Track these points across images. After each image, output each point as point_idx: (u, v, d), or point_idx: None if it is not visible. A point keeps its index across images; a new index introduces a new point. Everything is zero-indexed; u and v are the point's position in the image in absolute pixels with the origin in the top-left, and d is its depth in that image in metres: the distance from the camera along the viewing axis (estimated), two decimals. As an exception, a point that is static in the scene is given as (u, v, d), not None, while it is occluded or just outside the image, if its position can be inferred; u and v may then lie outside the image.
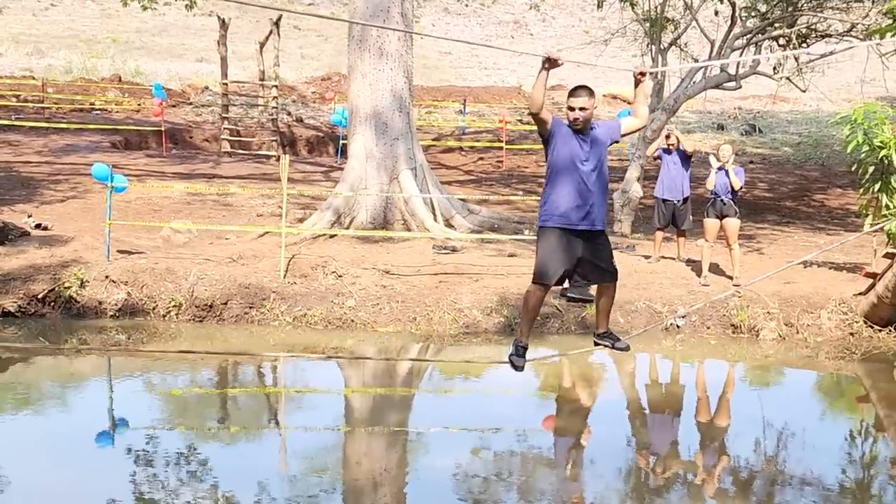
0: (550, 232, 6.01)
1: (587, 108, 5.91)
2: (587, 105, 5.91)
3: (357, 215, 13.86)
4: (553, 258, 5.98)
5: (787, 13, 16.11)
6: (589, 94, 5.95)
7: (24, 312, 10.80)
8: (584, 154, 5.93)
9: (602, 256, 6.13)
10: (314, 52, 38.85)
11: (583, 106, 5.90)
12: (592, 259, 6.08)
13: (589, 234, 6.02)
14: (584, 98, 5.91)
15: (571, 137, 5.95)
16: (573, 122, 5.94)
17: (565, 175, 5.95)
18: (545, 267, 6.01)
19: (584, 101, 5.90)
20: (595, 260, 6.09)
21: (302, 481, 6.89)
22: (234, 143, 22.12)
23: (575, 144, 5.94)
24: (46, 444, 7.45)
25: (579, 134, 5.95)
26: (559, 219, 5.97)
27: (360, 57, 14.07)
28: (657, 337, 11.02)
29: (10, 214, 13.54)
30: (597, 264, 6.11)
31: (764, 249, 13.93)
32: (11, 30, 39.68)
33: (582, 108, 5.90)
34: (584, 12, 48.86)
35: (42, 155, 19.72)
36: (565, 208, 5.95)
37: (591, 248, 6.05)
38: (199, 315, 10.98)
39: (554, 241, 5.98)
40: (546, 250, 6.01)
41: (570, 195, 5.94)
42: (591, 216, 5.99)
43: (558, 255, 5.98)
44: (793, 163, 22.70)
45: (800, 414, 9.02)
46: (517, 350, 6.23)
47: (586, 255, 6.04)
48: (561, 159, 5.97)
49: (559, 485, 7.07)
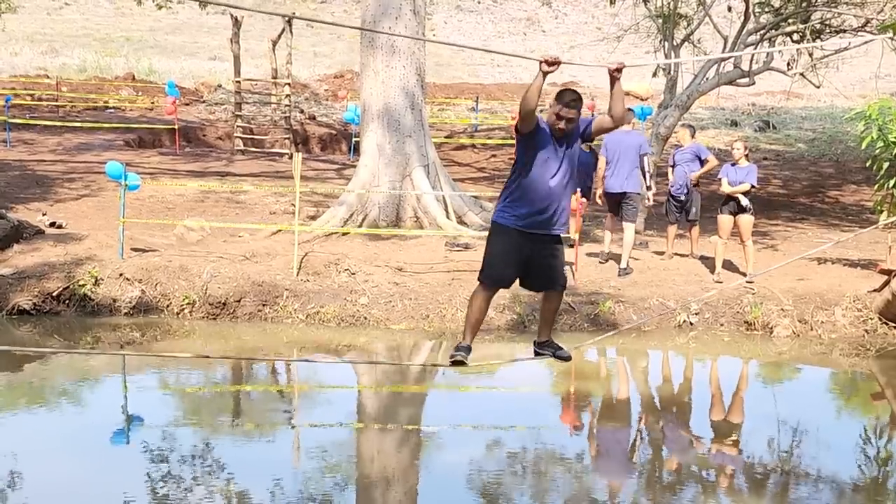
0: (506, 231, 5.68)
1: (574, 119, 5.58)
2: (576, 117, 5.58)
3: (370, 213, 13.87)
4: (504, 260, 5.69)
5: (800, 8, 16.03)
6: (579, 104, 5.60)
7: (39, 310, 10.86)
8: (558, 160, 5.61)
9: (554, 263, 5.82)
10: (327, 49, 38.90)
11: (572, 118, 5.57)
12: (544, 265, 5.77)
13: (545, 238, 5.72)
14: (575, 111, 5.57)
15: (549, 142, 5.61)
16: (557, 130, 5.59)
17: (536, 178, 5.59)
18: (494, 269, 5.73)
19: (574, 114, 5.57)
20: (546, 266, 5.78)
21: (315, 478, 6.91)
22: (247, 141, 22.17)
23: (552, 150, 5.60)
24: (62, 441, 7.50)
25: (556, 137, 5.62)
26: (519, 220, 5.64)
27: (372, 54, 14.08)
28: (670, 334, 11.00)
29: (25, 213, 13.60)
30: (547, 271, 5.80)
31: (778, 246, 13.88)
32: (26, 29, 39.86)
33: (570, 120, 5.57)
34: (597, 9, 48.71)
35: (56, 153, 19.81)
36: (529, 211, 5.62)
37: (544, 254, 5.74)
38: (213, 313, 11.02)
39: (508, 242, 5.67)
40: (498, 250, 5.72)
41: (537, 199, 5.60)
42: (552, 222, 5.68)
43: (510, 258, 5.69)
44: (807, 159, 22.59)
45: (814, 411, 8.99)
46: (458, 348, 5.87)
47: (538, 260, 5.73)
48: (535, 162, 5.60)
49: (572, 482, 7.06)
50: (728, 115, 27.55)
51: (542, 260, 5.75)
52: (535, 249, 5.69)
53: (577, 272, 11.68)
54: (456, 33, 49.53)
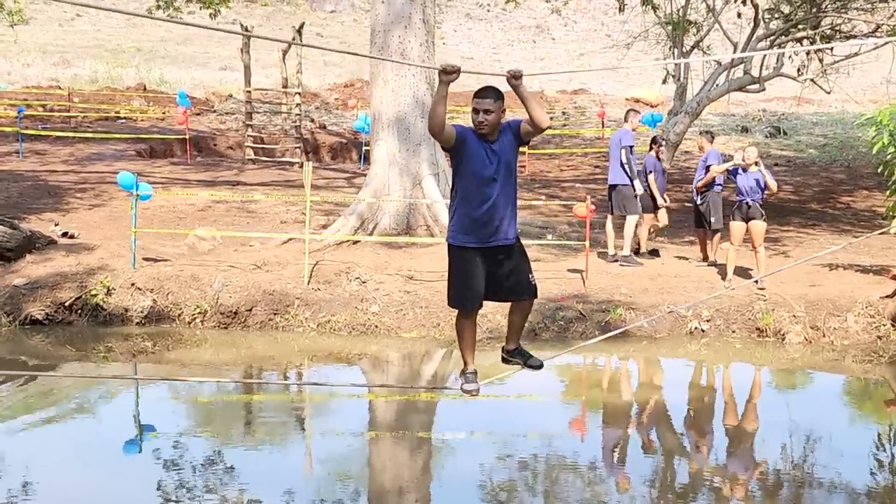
0: (460, 252, 5.46)
1: (493, 110, 5.29)
2: (493, 108, 5.29)
3: (380, 221, 13.88)
4: (467, 283, 5.46)
5: (810, 14, 16.02)
6: (496, 95, 5.33)
7: (52, 320, 10.91)
8: (491, 165, 5.35)
9: (517, 270, 5.54)
10: (337, 58, 39.00)
11: (487, 108, 5.28)
12: (509, 274, 5.51)
13: (502, 249, 5.47)
14: (489, 100, 5.29)
15: (478, 147, 5.35)
16: (478, 126, 5.33)
17: (471, 189, 5.37)
18: (461, 295, 5.51)
19: (489, 104, 5.29)
20: (509, 275, 5.52)
21: (327, 486, 6.91)
22: (257, 151, 22.23)
23: (482, 155, 5.35)
24: (75, 450, 7.52)
25: (486, 142, 5.36)
26: (467, 238, 5.41)
27: (382, 63, 14.11)
28: (682, 341, 10.97)
29: (37, 223, 13.67)
30: (515, 279, 5.54)
31: (790, 252, 13.83)
32: (38, 40, 40.11)
33: (487, 111, 5.29)
34: (607, 16, 48.78)
35: (68, 164, 19.91)
36: (472, 226, 5.39)
37: (503, 264, 5.49)
38: (224, 322, 11.05)
39: (465, 263, 5.45)
40: (459, 274, 5.49)
41: (477, 211, 5.37)
42: (500, 231, 5.43)
43: (472, 279, 5.46)
44: (818, 165, 22.52)
45: (827, 418, 8.94)
46: (466, 378, 5.65)
47: (502, 271, 5.49)
48: (466, 172, 5.38)
49: (584, 491, 7.04)
50: (739, 121, 27.50)
51: (501, 272, 5.51)
52: (492, 263, 5.47)
53: (587, 279, 11.67)
54: (466, 41, 49.69)
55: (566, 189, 19.41)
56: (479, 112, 5.32)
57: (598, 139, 25.74)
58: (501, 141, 5.42)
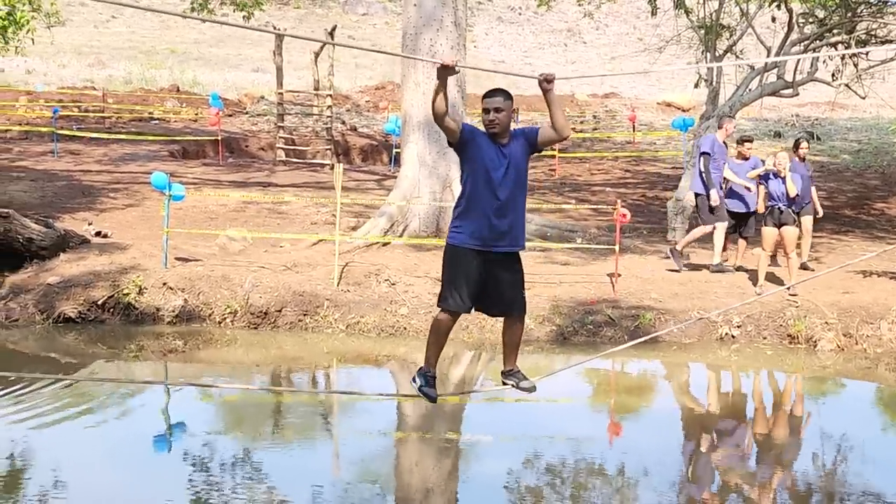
0: (459, 253, 5.38)
1: (503, 108, 5.29)
2: (503, 106, 5.29)
3: (410, 223, 13.91)
4: (460, 284, 5.39)
5: (845, 19, 15.85)
6: (505, 95, 5.33)
7: (85, 318, 11.02)
8: (501, 166, 5.31)
9: (512, 283, 5.49)
10: (368, 61, 39.14)
11: (497, 107, 5.28)
12: (501, 286, 5.44)
13: (501, 257, 5.41)
14: (499, 98, 5.29)
15: (489, 147, 5.33)
16: (489, 124, 5.31)
17: (480, 189, 5.31)
18: (452, 295, 5.42)
19: (499, 102, 5.28)
20: (503, 287, 5.45)
21: (354, 487, 6.94)
22: (288, 152, 22.37)
23: (492, 156, 5.31)
24: (105, 448, 7.60)
25: (497, 143, 5.34)
26: (470, 239, 5.34)
27: (413, 66, 14.14)
28: (712, 347, 10.90)
29: (71, 222, 13.82)
30: (505, 292, 5.47)
31: (822, 258, 13.69)
32: (74, 42, 40.59)
33: (497, 109, 5.28)
34: (639, 20, 48.59)
35: (102, 164, 20.13)
36: (478, 228, 5.32)
37: (501, 274, 5.43)
38: (254, 322, 11.11)
39: (462, 265, 5.37)
40: (453, 275, 5.41)
41: (485, 213, 5.31)
42: (507, 237, 5.38)
43: (467, 281, 5.38)
44: (852, 170, 22.30)
45: (859, 426, 8.84)
46: (427, 381, 5.61)
47: (494, 280, 5.42)
48: (476, 171, 5.32)
49: (612, 496, 7.02)
50: (771, 126, 27.30)
51: (499, 282, 5.44)
52: (491, 270, 5.41)
53: (616, 283, 11.62)
54: (497, 44, 49.69)
55: (596, 193, 19.35)
56: (490, 111, 5.33)
57: (629, 143, 25.66)
58: (513, 145, 5.41)
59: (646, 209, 17.87)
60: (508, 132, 5.40)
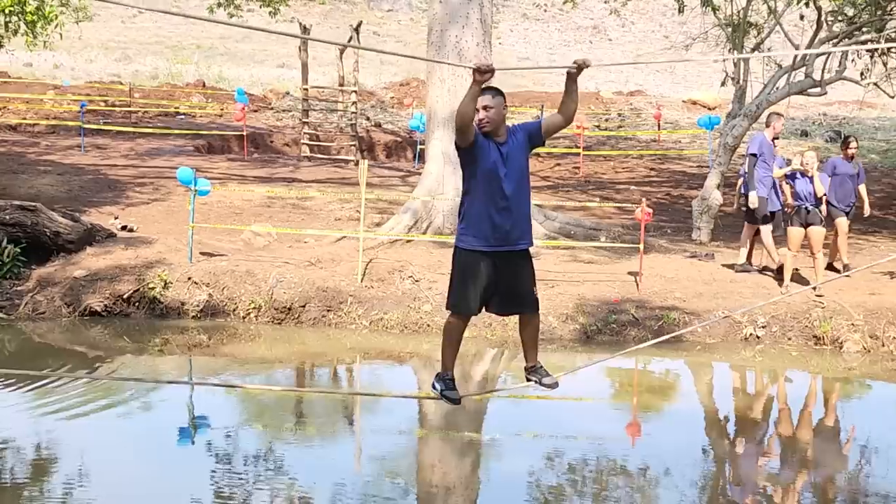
0: (466, 255, 5.39)
1: (492, 106, 5.24)
2: (492, 104, 5.24)
3: (434, 220, 13.91)
4: (469, 286, 5.40)
5: (875, 17, 15.69)
6: (494, 92, 5.28)
7: (110, 312, 11.11)
8: (503, 166, 5.29)
9: (522, 281, 5.47)
10: (393, 58, 39.17)
11: (486, 105, 5.23)
12: (511, 284, 5.43)
13: (509, 255, 5.40)
14: (488, 96, 5.24)
15: (488, 146, 5.28)
16: (479, 123, 5.25)
17: (483, 190, 5.30)
18: (462, 298, 5.45)
19: (488, 100, 5.23)
20: (514, 286, 5.44)
21: (376, 483, 6.95)
22: (313, 148, 22.42)
23: (494, 155, 5.29)
24: (130, 441, 7.66)
25: (495, 142, 5.30)
26: (476, 240, 5.34)
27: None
28: (736, 347, 10.83)
29: (98, 216, 13.92)
30: (515, 291, 5.46)
31: (849, 259, 13.55)
32: (101, 37, 40.90)
33: (486, 108, 5.23)
34: (665, 17, 48.38)
35: (128, 158, 20.26)
36: (483, 228, 5.32)
37: (510, 272, 5.41)
38: (278, 317, 11.16)
39: (470, 267, 5.38)
40: (462, 276, 5.43)
41: (489, 213, 5.30)
42: (511, 235, 5.36)
43: (475, 283, 5.39)
44: (880, 170, 22.07)
45: (886, 428, 8.76)
46: (447, 384, 5.65)
47: (504, 279, 5.41)
48: (478, 172, 5.30)
49: (633, 495, 6.99)
50: (798, 125, 27.07)
51: (509, 280, 5.43)
52: (500, 270, 5.40)
53: (641, 282, 11.58)
54: (522, 41, 49.62)
55: (620, 191, 19.28)
56: (479, 110, 5.25)
57: (654, 141, 25.54)
58: (511, 142, 5.37)
59: (670, 208, 17.78)
60: (504, 129, 5.36)
